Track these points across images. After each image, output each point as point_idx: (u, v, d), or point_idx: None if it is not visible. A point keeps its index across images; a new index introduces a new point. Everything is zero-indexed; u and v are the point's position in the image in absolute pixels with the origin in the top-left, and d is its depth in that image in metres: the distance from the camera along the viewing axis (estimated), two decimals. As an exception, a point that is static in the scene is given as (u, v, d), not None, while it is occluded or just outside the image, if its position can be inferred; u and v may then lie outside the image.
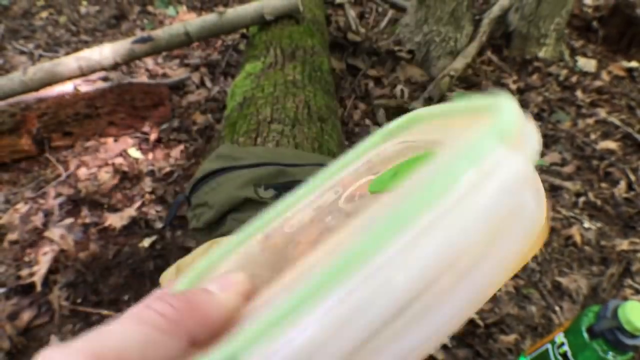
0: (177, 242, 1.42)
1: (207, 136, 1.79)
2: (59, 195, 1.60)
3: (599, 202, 1.67)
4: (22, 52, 2.30)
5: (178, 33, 1.68)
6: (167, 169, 1.64)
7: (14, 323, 1.25)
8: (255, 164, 0.86)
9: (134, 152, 1.72)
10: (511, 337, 1.24)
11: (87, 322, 1.29)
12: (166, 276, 0.79)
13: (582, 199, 1.67)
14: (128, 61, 1.77)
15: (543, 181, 1.69)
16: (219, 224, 0.81)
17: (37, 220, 1.50)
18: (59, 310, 1.31)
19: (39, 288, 1.33)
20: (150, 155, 1.71)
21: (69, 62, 1.71)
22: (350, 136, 1.84)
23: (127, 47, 1.69)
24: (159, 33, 1.69)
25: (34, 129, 1.69)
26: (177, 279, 0.78)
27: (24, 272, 1.36)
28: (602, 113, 2.14)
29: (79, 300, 1.32)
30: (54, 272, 1.39)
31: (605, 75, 2.43)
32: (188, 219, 0.86)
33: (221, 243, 0.79)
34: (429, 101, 1.93)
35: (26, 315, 1.28)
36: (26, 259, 1.40)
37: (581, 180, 1.76)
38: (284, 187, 0.83)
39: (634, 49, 2.58)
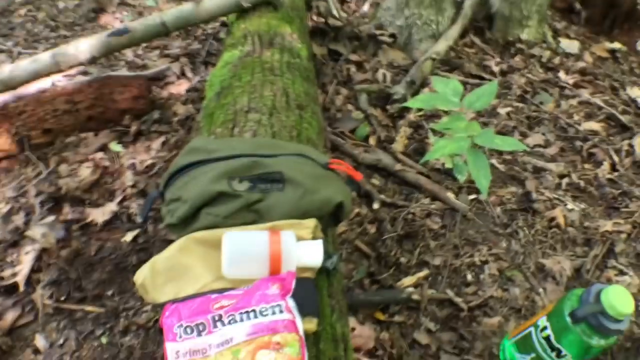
0: (160, 235, 1.40)
1: (188, 127, 1.77)
2: (40, 193, 1.58)
3: (582, 184, 1.68)
4: (0, 51, 2.26)
5: (154, 24, 1.65)
6: (149, 162, 1.62)
7: (-2, 324, 1.24)
8: (229, 156, 0.84)
9: (115, 146, 1.70)
10: (495, 320, 1.24)
11: (72, 319, 1.28)
12: (141, 275, 0.78)
13: (565, 181, 1.68)
14: (105, 54, 1.74)
15: (526, 163, 1.70)
16: (193, 219, 0.80)
17: (19, 219, 1.48)
18: (42, 309, 1.30)
19: (22, 288, 1.32)
20: (131, 148, 1.69)
21: (46, 58, 1.68)
22: (333, 122, 1.83)
23: (104, 40, 1.66)
24: (135, 25, 1.66)
25: (13, 127, 1.66)
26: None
27: (7, 273, 1.34)
28: (585, 94, 2.14)
29: (62, 298, 1.31)
30: (37, 271, 1.37)
31: (588, 57, 2.43)
32: (162, 215, 0.85)
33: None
34: (411, 85, 1.92)
35: (10, 316, 1.27)
36: (8, 259, 1.38)
37: (565, 162, 1.76)
38: (259, 178, 0.82)
39: (617, 30, 2.58)
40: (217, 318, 0.66)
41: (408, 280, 1.32)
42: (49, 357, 1.21)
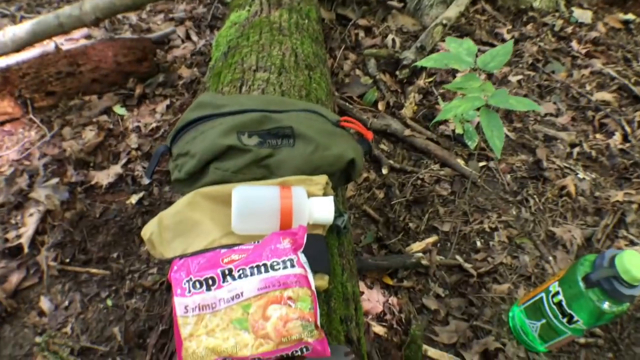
0: (165, 198, 1.39)
1: (193, 90, 1.74)
2: (43, 155, 1.56)
3: (593, 153, 1.65)
4: (4, 15, 2.22)
5: (160, -17, 1.62)
6: (154, 125, 1.60)
7: (3, 286, 1.23)
8: (238, 111, 0.82)
9: (119, 109, 1.67)
10: (504, 287, 1.23)
11: (76, 281, 1.28)
12: (148, 229, 0.76)
13: (576, 150, 1.65)
14: (109, 16, 1.71)
15: (537, 131, 1.67)
16: (202, 174, 0.78)
17: (22, 181, 1.47)
18: (47, 271, 1.29)
19: (26, 250, 1.31)
20: (135, 112, 1.66)
21: (49, 19, 1.65)
22: (341, 87, 1.79)
23: (108, 0, 1.63)
24: (140, -16, 1.62)
25: (17, 90, 1.64)
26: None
27: (11, 235, 1.33)
28: (597, 64, 2.09)
29: (67, 260, 1.31)
30: (41, 233, 1.36)
31: (601, 27, 2.37)
32: (170, 170, 0.83)
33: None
34: (421, 50, 1.88)
35: (15, 278, 1.26)
36: (12, 221, 1.37)
37: (576, 131, 1.73)
38: (268, 133, 0.80)
39: (630, 1, 2.52)
40: (227, 272, 0.65)
41: (417, 246, 1.30)
42: (53, 319, 1.21)
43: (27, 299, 1.25)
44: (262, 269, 0.64)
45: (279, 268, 0.64)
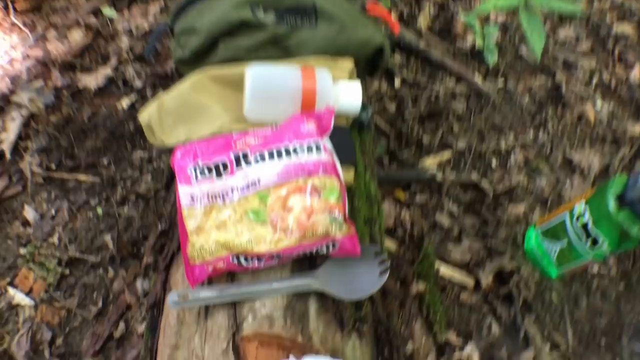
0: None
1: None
2: (26, 58, 1.44)
3: (613, 83, 1.57)
4: None
5: None
6: (146, 27, 1.46)
7: (-16, 195, 1.14)
8: (251, -17, 0.71)
9: (108, 11, 1.53)
10: (520, 208, 1.17)
11: (63, 189, 1.19)
12: (146, 114, 0.67)
13: (595, 78, 1.56)
14: None
15: (557, 57, 1.58)
16: (209, 52, 0.68)
17: (3, 85, 1.35)
18: (31, 179, 1.20)
19: (8, 156, 1.21)
20: (125, 14, 1.52)
21: None
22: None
23: None
24: None
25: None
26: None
27: (-9, 141, 1.23)
28: (618, -3, 1.98)
29: (53, 167, 1.21)
30: (25, 139, 1.26)
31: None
32: (171, 50, 0.72)
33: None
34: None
35: (-4, 186, 1.17)
36: (-8, 126, 1.27)
37: (596, 60, 1.64)
38: (287, 10, 0.69)
39: None
40: (241, 157, 0.56)
41: (430, 161, 1.22)
42: (39, 229, 1.12)
43: (9, 209, 1.16)
44: (283, 153, 0.55)
45: (303, 153, 0.55)
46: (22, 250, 1.08)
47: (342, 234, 0.52)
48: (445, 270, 1.04)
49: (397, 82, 1.39)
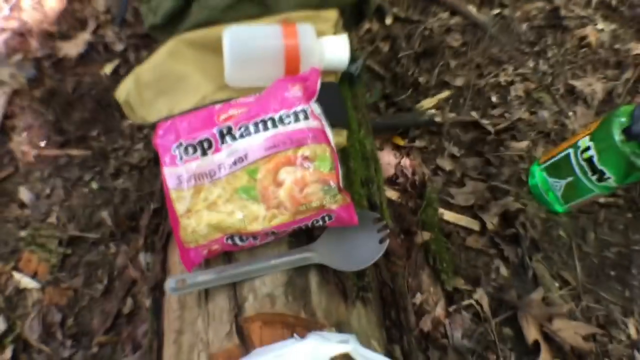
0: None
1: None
2: (2, 31, 1.38)
3: (613, 2, 1.49)
4: None
5: None
6: (121, -14, 1.40)
7: (-26, 181, 1.12)
8: None
9: (80, -29, 1.46)
10: (523, 144, 1.13)
11: (56, 166, 1.16)
12: (123, 89, 0.63)
13: (595, -2, 1.49)
14: None
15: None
16: (183, 16, 0.63)
17: (-19, 63, 1.30)
18: (22, 158, 1.17)
19: (-5, 137, 1.18)
20: (99, -26, 1.45)
21: None
22: None
23: None
24: None
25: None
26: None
27: (-25, 123, 1.20)
28: None
29: (42, 144, 1.18)
30: (10, 117, 1.22)
31: None
32: (142, 16, 0.67)
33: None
34: None
35: (-14, 169, 1.14)
36: (-25, 107, 1.22)
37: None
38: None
39: None
40: (225, 132, 0.53)
41: (428, 102, 1.18)
42: (36, 210, 1.10)
43: (4, 192, 1.13)
44: (269, 123, 0.52)
45: (290, 122, 0.52)
46: (22, 233, 1.07)
47: (338, 205, 0.50)
48: (449, 215, 1.02)
49: (388, 20, 1.32)
